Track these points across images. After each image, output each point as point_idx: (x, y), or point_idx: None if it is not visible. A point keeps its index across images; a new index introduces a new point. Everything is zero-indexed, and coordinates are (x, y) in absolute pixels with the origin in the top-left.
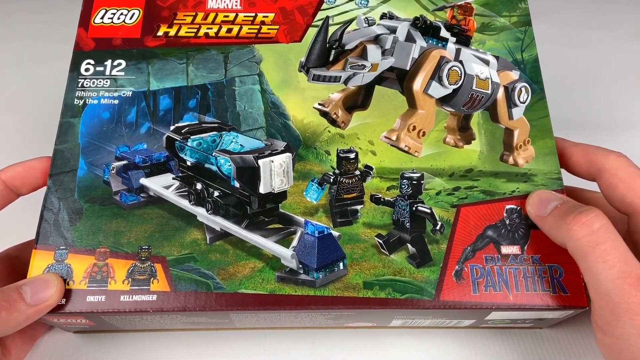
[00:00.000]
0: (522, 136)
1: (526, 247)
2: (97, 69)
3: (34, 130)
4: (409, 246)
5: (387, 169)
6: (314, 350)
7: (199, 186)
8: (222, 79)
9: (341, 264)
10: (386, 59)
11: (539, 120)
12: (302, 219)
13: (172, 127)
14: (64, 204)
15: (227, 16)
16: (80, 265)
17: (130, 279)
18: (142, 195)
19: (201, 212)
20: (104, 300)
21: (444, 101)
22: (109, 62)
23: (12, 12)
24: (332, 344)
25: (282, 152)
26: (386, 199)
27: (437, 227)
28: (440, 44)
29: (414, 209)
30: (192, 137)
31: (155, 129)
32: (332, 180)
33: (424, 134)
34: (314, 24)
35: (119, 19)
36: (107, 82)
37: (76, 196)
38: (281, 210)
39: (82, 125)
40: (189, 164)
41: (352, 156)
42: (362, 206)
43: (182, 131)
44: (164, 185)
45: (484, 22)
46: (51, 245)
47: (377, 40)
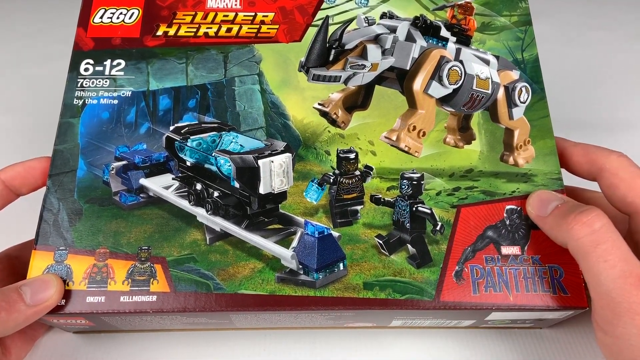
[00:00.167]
0: (522, 136)
1: (526, 248)
2: (97, 68)
3: (33, 130)
4: (409, 247)
5: (387, 169)
6: (314, 350)
7: (199, 186)
8: (221, 79)
9: (341, 265)
10: (386, 58)
11: (539, 120)
12: (302, 220)
13: (171, 127)
14: (63, 205)
15: (227, 16)
16: (80, 265)
17: (130, 280)
18: (141, 195)
19: (201, 213)
20: (103, 300)
21: (444, 101)
22: (108, 62)
23: (12, 12)
24: (332, 344)
25: (282, 152)
26: (386, 199)
27: (437, 228)
28: (440, 44)
29: (414, 209)
30: (191, 137)
31: (154, 129)
32: (332, 180)
33: (424, 134)
34: (313, 23)
35: (118, 18)
36: (106, 82)
37: (76, 196)
38: (281, 210)
39: (82, 125)
40: (188, 164)
41: (352, 156)
42: (362, 206)
43: (182, 131)
44: (163, 185)
45: (484, 22)
46: (51, 245)
47: (377, 39)
